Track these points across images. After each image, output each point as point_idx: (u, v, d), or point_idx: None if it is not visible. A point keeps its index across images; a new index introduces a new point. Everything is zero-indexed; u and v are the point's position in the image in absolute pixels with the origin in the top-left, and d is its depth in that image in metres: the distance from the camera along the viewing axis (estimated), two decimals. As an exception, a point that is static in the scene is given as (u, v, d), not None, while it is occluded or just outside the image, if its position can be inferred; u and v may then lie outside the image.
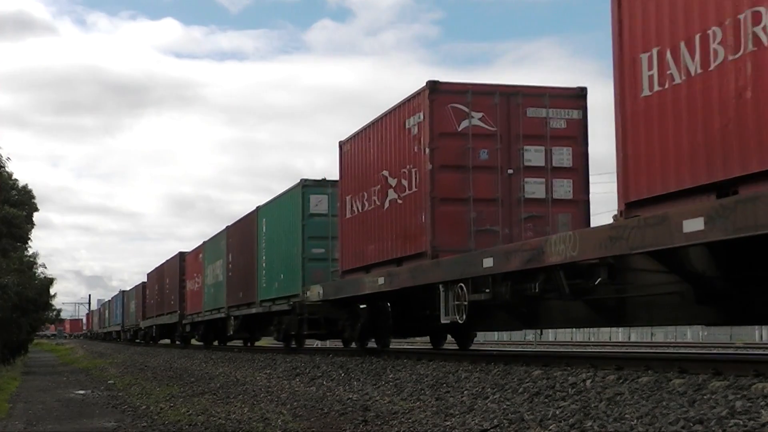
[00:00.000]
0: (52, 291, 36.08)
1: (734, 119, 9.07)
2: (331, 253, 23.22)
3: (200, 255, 40.08)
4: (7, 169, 31.38)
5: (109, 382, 22.31)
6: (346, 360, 19.09)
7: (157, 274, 53.07)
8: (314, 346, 35.91)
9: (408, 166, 16.92)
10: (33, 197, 36.80)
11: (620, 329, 46.10)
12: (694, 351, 24.22)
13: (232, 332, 34.04)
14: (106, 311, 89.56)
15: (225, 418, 12.09)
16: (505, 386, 11.73)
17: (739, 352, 21.93)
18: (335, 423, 10.97)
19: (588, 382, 10.72)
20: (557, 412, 9.32)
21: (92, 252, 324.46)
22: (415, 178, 16.64)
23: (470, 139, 16.18)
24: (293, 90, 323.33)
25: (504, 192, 16.25)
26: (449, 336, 21.74)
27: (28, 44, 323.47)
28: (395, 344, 26.21)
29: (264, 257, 28.08)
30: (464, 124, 16.24)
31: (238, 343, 38.80)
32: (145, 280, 58.88)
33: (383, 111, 18.41)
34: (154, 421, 12.37)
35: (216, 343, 40.18)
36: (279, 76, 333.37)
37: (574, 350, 27.72)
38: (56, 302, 44.84)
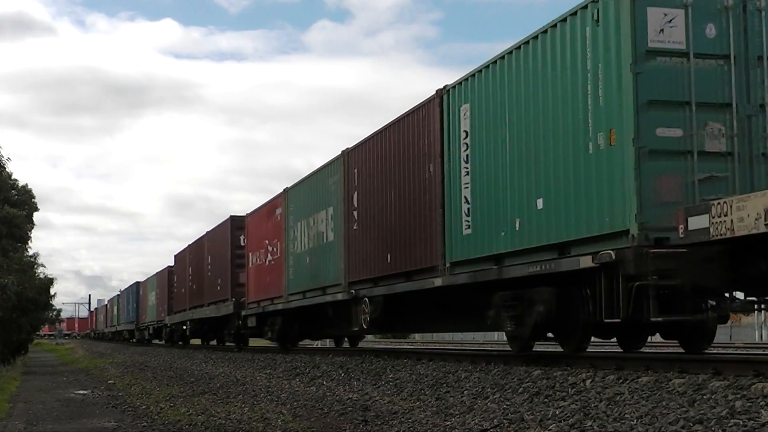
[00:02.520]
0: (52, 291, 36.06)
1: None
2: (697, 138, 11.47)
3: (278, 210, 27.18)
4: (7, 169, 31.45)
5: (109, 382, 22.30)
6: (346, 360, 19.09)
7: (193, 253, 40.17)
8: (314, 346, 35.67)
9: None
10: (33, 197, 36.78)
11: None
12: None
13: (365, 324, 19.90)
14: (115, 307, 78.04)
15: (225, 418, 12.09)
16: (505, 386, 11.74)
17: (738, 352, 21.92)
18: (335, 423, 10.97)
19: (588, 382, 10.73)
20: (557, 412, 9.33)
21: (92, 252, 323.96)
22: None
23: None
24: (292, 90, 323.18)
25: None
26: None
27: (28, 45, 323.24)
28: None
29: (464, 182, 15.35)
30: None
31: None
32: (172, 263, 46.71)
33: None
34: (154, 421, 12.37)
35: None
36: (278, 77, 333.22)
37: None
38: (56, 302, 44.66)
